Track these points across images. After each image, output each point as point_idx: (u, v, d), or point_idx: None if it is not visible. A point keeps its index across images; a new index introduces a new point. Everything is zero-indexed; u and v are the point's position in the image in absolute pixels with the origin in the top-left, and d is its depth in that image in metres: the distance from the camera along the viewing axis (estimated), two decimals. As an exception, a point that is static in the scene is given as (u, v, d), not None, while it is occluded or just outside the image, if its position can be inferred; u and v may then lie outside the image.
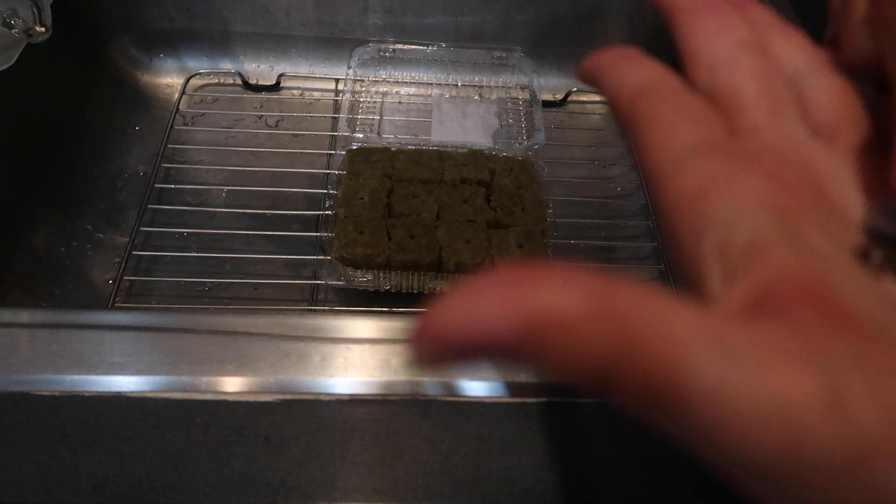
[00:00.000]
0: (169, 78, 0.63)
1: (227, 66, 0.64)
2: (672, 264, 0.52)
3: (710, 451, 0.10)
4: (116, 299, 0.47)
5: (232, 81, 0.64)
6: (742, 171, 0.14)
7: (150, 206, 0.52)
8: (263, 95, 0.63)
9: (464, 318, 0.11)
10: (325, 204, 0.49)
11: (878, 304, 0.12)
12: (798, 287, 0.12)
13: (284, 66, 0.64)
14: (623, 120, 0.16)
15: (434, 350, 0.11)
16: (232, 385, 0.28)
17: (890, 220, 0.14)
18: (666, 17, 0.18)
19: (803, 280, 0.12)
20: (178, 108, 0.60)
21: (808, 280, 0.12)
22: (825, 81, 0.16)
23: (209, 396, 0.28)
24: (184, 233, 0.52)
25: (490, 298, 0.11)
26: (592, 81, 0.18)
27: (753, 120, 0.15)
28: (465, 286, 0.11)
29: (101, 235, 0.52)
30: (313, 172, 0.56)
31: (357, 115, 0.61)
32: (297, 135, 0.60)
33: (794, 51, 0.17)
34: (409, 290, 0.47)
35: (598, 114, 0.66)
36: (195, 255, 0.51)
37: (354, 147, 0.51)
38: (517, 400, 0.28)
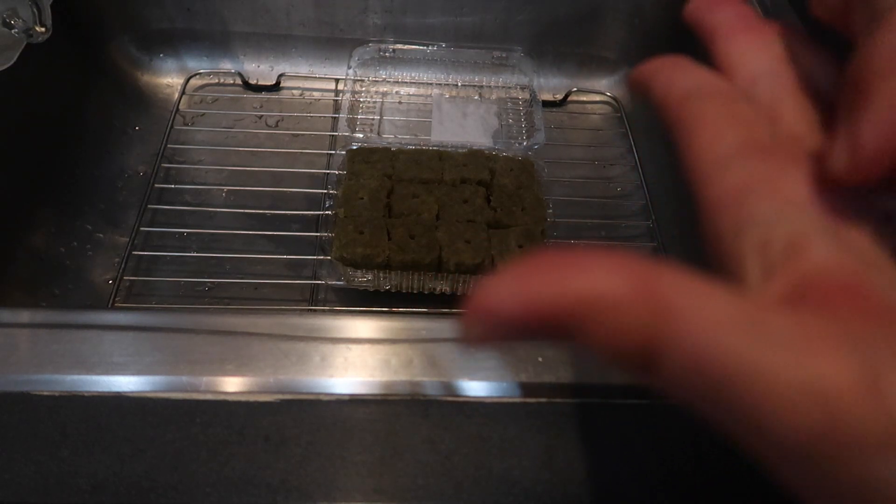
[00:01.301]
0: (169, 78, 0.63)
1: (227, 66, 0.64)
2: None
3: (747, 432, 0.11)
4: (116, 299, 0.47)
5: (232, 81, 0.64)
6: (784, 172, 0.14)
7: (150, 206, 0.52)
8: (263, 95, 0.63)
9: (515, 296, 0.11)
10: (325, 204, 0.49)
11: None
12: (837, 282, 0.12)
13: (284, 66, 0.64)
14: (671, 121, 0.17)
15: (486, 325, 0.12)
16: (232, 385, 0.28)
17: None
18: (703, 36, 0.19)
19: (842, 276, 0.12)
20: (178, 108, 0.60)
21: (847, 277, 0.12)
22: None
23: (209, 396, 0.28)
24: (184, 233, 0.52)
25: (540, 278, 0.11)
26: (643, 87, 0.18)
27: (793, 129, 0.16)
28: (515, 266, 0.12)
29: (101, 235, 0.52)
30: (313, 172, 0.56)
31: (357, 115, 0.61)
32: (297, 135, 0.60)
33: (823, 68, 0.18)
34: (409, 290, 0.47)
35: (598, 114, 0.66)
36: (195, 255, 0.51)
37: (354, 147, 0.51)
38: (517, 400, 0.28)
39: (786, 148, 0.15)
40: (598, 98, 0.66)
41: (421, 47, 0.62)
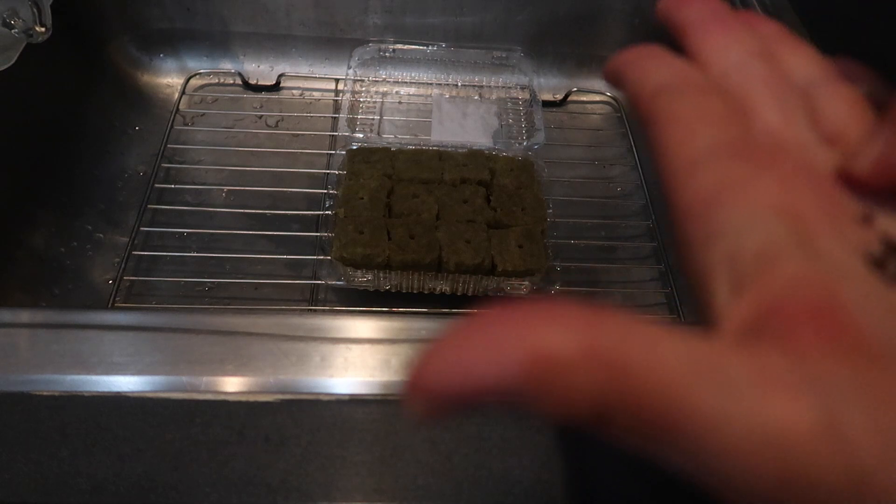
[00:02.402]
0: (169, 78, 0.63)
1: (227, 66, 0.64)
2: (673, 266, 0.52)
3: (709, 479, 0.10)
4: (116, 299, 0.47)
5: (232, 81, 0.64)
6: (758, 174, 0.13)
7: (150, 206, 0.52)
8: (263, 95, 0.63)
9: (455, 368, 0.10)
10: (325, 204, 0.49)
11: (890, 316, 0.12)
12: (806, 303, 0.11)
13: (284, 66, 0.64)
14: (643, 118, 0.16)
15: (427, 403, 0.11)
16: (232, 385, 0.28)
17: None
18: (675, 32, 0.18)
19: (813, 294, 0.12)
20: (178, 108, 0.60)
21: (818, 294, 0.12)
22: (835, 92, 0.16)
23: (209, 396, 0.28)
24: (184, 233, 0.52)
25: (479, 344, 0.10)
26: (616, 80, 0.17)
27: (766, 122, 0.15)
28: (453, 331, 0.11)
29: (101, 235, 0.52)
30: (313, 172, 0.56)
31: (357, 115, 0.61)
32: (297, 135, 0.60)
33: (803, 62, 0.17)
34: (409, 290, 0.47)
35: (598, 114, 0.66)
36: (195, 255, 0.51)
37: (354, 147, 0.51)
38: (517, 400, 0.28)
39: (758, 147, 0.14)
40: (598, 98, 0.66)
41: (421, 47, 0.62)
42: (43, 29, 0.43)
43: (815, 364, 0.10)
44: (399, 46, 0.62)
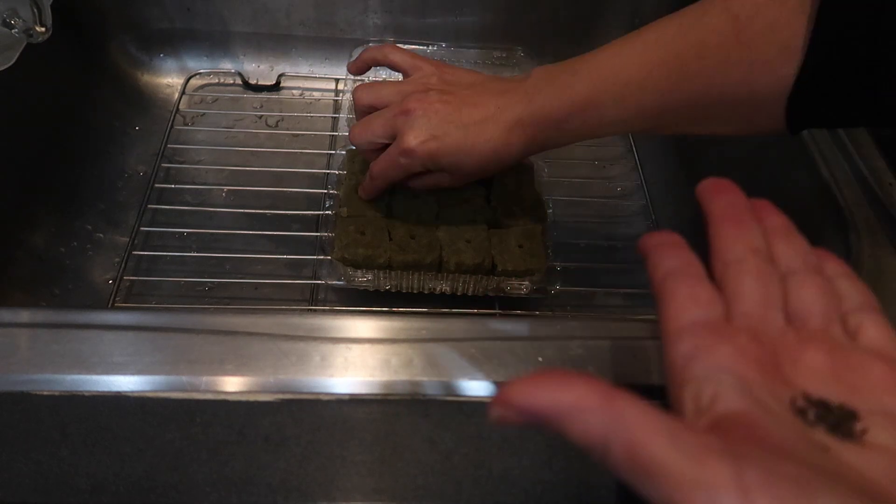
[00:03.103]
0: (169, 78, 0.63)
1: (227, 66, 0.64)
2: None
3: None
4: (116, 299, 0.47)
5: (232, 81, 0.64)
6: (720, 344, 0.20)
7: (150, 206, 0.52)
8: (263, 95, 0.63)
9: (522, 396, 0.17)
10: (325, 204, 0.49)
11: (804, 443, 0.18)
12: (737, 419, 0.18)
13: (284, 66, 0.64)
14: (655, 295, 0.22)
15: (505, 411, 0.17)
16: (232, 385, 0.28)
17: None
18: (704, 217, 0.25)
19: (742, 419, 0.18)
20: (178, 108, 0.60)
21: (745, 418, 0.18)
22: (809, 281, 0.23)
23: (209, 396, 0.28)
24: (184, 233, 0.52)
25: (541, 386, 0.17)
26: (644, 257, 0.24)
27: (746, 307, 0.22)
28: (528, 376, 0.17)
29: (101, 235, 0.52)
30: (313, 172, 0.56)
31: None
32: (297, 135, 0.60)
33: (792, 254, 0.24)
34: (409, 290, 0.47)
35: (598, 114, 0.66)
36: (195, 255, 0.51)
37: (354, 147, 0.51)
38: (517, 400, 0.28)
39: (733, 324, 0.21)
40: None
41: (421, 47, 0.62)
42: (43, 29, 0.43)
43: (737, 447, 0.16)
44: (399, 46, 0.61)
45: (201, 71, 0.64)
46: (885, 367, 0.20)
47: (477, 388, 0.28)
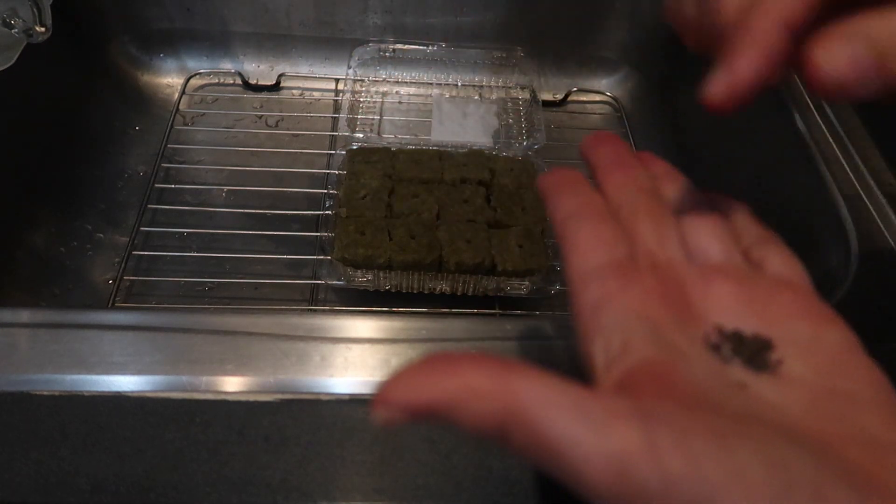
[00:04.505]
0: (169, 78, 0.63)
1: (227, 66, 0.64)
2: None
3: (576, 486, 0.14)
4: (116, 299, 0.47)
5: (232, 81, 0.64)
6: (627, 288, 0.19)
7: (150, 206, 0.52)
8: (263, 95, 0.63)
9: (406, 391, 0.15)
10: (325, 204, 0.49)
11: (720, 383, 0.17)
12: (648, 371, 0.17)
13: (284, 66, 0.64)
14: (556, 237, 0.21)
15: (387, 412, 0.15)
16: (232, 385, 0.28)
17: None
18: (589, 169, 0.24)
19: (654, 368, 0.17)
20: (178, 108, 0.60)
21: (658, 367, 0.17)
22: (705, 218, 0.22)
23: (209, 396, 0.28)
24: (184, 233, 0.52)
25: (424, 377, 0.15)
26: (544, 199, 0.22)
27: (645, 246, 0.20)
28: (409, 366, 0.15)
29: (101, 235, 0.52)
30: (313, 172, 0.56)
31: (357, 115, 0.61)
32: (297, 135, 0.60)
33: (681, 193, 0.23)
34: (409, 290, 0.47)
35: (599, 114, 0.66)
36: (195, 255, 0.51)
37: (354, 147, 0.51)
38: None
39: (632, 265, 0.19)
40: (598, 98, 0.66)
41: (421, 47, 0.62)
42: (43, 29, 0.43)
43: (646, 405, 0.15)
44: (399, 46, 0.62)
45: (201, 71, 0.64)
46: (793, 294, 0.19)
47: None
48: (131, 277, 0.49)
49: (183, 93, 0.61)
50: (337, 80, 0.64)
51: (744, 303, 0.19)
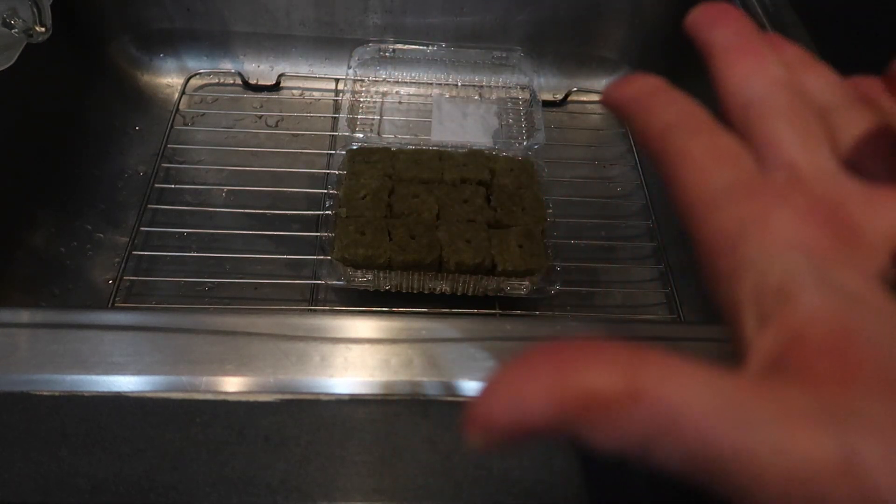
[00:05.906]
0: (169, 78, 0.63)
1: (227, 66, 0.64)
2: (672, 264, 0.52)
3: (739, 500, 0.11)
4: (116, 299, 0.47)
5: (232, 81, 0.64)
6: (774, 211, 0.14)
7: (150, 206, 0.52)
8: (263, 95, 0.63)
9: (509, 406, 0.12)
10: (325, 204, 0.49)
11: None
12: (822, 338, 0.12)
13: (284, 66, 0.64)
14: (654, 155, 0.16)
15: (485, 436, 0.12)
16: (232, 385, 0.28)
17: None
18: (702, 51, 0.18)
19: (828, 329, 0.12)
20: (178, 108, 0.60)
21: (834, 329, 0.12)
22: (856, 116, 0.17)
23: (209, 396, 0.28)
24: (184, 233, 0.52)
25: (531, 384, 0.12)
26: (618, 112, 0.17)
27: (787, 154, 0.15)
28: (507, 369, 0.12)
29: (101, 235, 0.52)
30: (313, 172, 0.56)
31: (357, 115, 0.61)
32: (297, 135, 0.60)
33: (825, 87, 0.17)
34: (409, 290, 0.47)
35: (598, 114, 0.66)
36: (195, 255, 0.51)
37: (354, 147, 0.51)
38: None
39: (778, 181, 0.15)
40: (598, 98, 0.66)
41: (421, 47, 0.62)
42: (43, 29, 0.43)
43: (832, 398, 0.11)
44: (399, 46, 0.62)
45: (201, 71, 0.64)
46: None
47: (477, 388, 0.28)
48: (131, 277, 0.49)
49: (183, 93, 0.61)
50: (337, 80, 0.64)
51: None
